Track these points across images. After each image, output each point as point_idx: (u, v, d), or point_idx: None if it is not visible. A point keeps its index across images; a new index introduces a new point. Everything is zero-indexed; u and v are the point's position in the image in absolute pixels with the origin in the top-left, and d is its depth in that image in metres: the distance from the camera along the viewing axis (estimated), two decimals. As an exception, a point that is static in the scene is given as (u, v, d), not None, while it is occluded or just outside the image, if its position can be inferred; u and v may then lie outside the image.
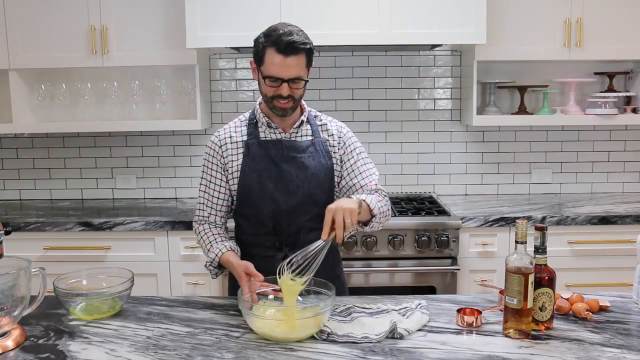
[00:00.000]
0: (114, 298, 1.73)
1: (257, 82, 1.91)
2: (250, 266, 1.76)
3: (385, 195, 1.95)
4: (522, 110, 3.26)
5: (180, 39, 2.97)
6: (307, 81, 1.84)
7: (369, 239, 2.76)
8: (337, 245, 2.05)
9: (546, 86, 3.26)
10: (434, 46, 3.18)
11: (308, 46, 1.80)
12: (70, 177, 3.51)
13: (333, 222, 1.65)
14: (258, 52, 1.81)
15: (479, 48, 3.04)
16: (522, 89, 3.25)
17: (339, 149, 1.97)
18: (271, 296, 1.69)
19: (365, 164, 1.98)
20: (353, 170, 1.96)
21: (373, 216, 1.83)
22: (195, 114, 3.19)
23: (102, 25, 3.05)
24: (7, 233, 1.73)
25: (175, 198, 3.49)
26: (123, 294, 1.74)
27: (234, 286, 1.92)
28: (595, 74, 3.30)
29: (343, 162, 1.97)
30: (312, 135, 1.95)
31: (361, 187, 1.95)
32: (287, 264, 1.62)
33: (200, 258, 2.89)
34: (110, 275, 1.84)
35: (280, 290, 1.66)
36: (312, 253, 1.63)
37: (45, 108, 3.29)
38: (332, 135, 1.98)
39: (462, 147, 3.45)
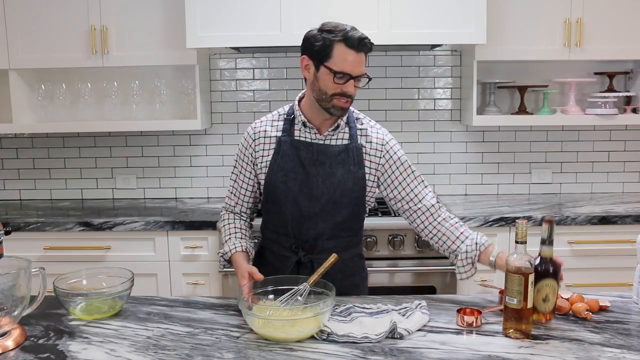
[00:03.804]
0: (114, 298, 1.72)
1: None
2: (255, 271, 1.76)
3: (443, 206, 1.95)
4: (522, 110, 3.26)
5: (180, 39, 2.97)
6: (370, 79, 1.80)
7: (369, 239, 2.76)
8: (361, 252, 2.06)
9: (546, 86, 3.26)
10: (434, 46, 3.18)
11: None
12: (70, 177, 3.51)
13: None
14: (323, 47, 1.73)
15: (479, 48, 3.04)
16: (522, 89, 3.25)
17: (379, 157, 1.90)
18: (271, 296, 1.69)
19: (416, 177, 1.92)
20: (408, 184, 1.90)
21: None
22: (195, 114, 3.19)
23: (102, 25, 3.05)
24: (7, 233, 1.73)
25: (175, 198, 3.49)
26: (123, 294, 1.74)
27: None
28: (595, 74, 3.30)
29: (388, 174, 1.90)
30: (348, 140, 1.89)
31: (419, 200, 1.90)
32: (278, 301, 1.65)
33: (200, 258, 2.89)
34: (110, 275, 1.84)
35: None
36: (295, 295, 1.65)
37: (45, 108, 3.29)
38: (371, 142, 1.90)
39: (462, 147, 3.45)
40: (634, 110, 3.23)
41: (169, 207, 3.23)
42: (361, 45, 1.72)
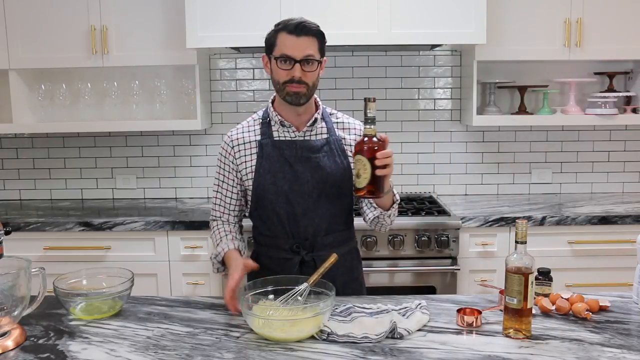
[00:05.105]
0: (114, 298, 1.72)
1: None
2: (250, 262, 1.79)
3: (395, 194, 1.96)
4: (522, 110, 3.26)
5: (180, 39, 2.97)
6: (320, 62, 1.82)
7: (369, 239, 2.76)
8: (356, 246, 2.08)
9: (546, 86, 3.26)
10: (434, 46, 3.18)
11: (319, 29, 1.81)
12: (70, 177, 3.51)
13: None
14: (269, 40, 1.83)
15: (479, 48, 3.04)
16: (522, 89, 3.25)
17: None
18: (271, 296, 1.69)
19: None
20: None
21: (394, 202, 1.87)
22: (195, 114, 3.19)
23: (102, 25, 3.05)
24: (7, 233, 1.73)
25: (175, 198, 3.49)
26: (123, 294, 1.74)
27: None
28: (595, 74, 3.30)
29: None
30: (327, 134, 1.93)
31: None
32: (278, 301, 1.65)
33: (200, 258, 2.89)
34: (110, 275, 1.83)
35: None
36: (295, 295, 1.65)
37: (45, 108, 3.29)
38: (349, 133, 1.95)
39: (462, 147, 3.45)
40: (634, 110, 3.23)
41: (169, 207, 3.24)
42: (299, 28, 1.77)
